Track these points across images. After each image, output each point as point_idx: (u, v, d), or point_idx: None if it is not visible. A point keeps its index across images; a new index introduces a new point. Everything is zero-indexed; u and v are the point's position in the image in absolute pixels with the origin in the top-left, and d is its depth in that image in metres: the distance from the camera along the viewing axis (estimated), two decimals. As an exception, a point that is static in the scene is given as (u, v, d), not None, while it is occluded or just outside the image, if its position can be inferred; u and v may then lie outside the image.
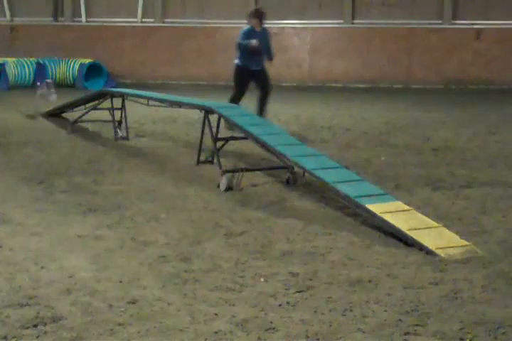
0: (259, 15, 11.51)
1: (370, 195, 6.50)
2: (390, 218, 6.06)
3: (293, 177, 7.83)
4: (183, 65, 18.89)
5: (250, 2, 18.98)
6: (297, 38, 18.77)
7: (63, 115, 12.05)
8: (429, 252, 5.58)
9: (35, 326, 4.25)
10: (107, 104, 10.65)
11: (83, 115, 10.92)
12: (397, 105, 14.95)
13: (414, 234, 5.80)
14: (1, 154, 9.43)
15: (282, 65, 18.71)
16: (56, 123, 11.66)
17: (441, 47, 18.12)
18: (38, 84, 14.48)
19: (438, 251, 5.56)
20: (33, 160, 9.05)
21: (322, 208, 6.93)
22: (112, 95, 10.61)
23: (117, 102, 10.51)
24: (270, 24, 18.88)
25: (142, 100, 10.04)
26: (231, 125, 9.58)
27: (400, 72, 18.31)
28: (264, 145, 7.80)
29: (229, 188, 7.56)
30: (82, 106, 11.22)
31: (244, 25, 11.76)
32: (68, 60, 17.78)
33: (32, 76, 17.36)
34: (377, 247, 5.76)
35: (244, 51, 11.00)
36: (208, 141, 8.59)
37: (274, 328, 4.26)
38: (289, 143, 7.71)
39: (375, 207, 6.25)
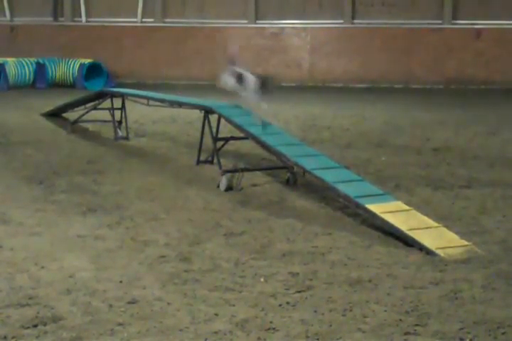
0: None
1: (370, 195, 6.50)
2: (390, 218, 6.06)
3: (293, 177, 7.83)
4: (183, 64, 18.89)
5: (250, 2, 18.99)
6: (297, 37, 18.78)
7: (63, 115, 12.06)
8: (429, 252, 5.58)
9: (35, 326, 4.24)
10: (107, 104, 10.65)
11: (83, 115, 10.92)
12: (397, 105, 14.94)
13: (414, 234, 5.80)
14: (1, 154, 9.43)
15: (282, 65, 18.74)
16: (56, 123, 11.66)
17: (441, 47, 18.12)
18: None
19: (438, 251, 5.56)
20: (33, 160, 9.05)
21: (322, 208, 6.93)
22: (112, 95, 10.61)
23: (117, 102, 10.51)
24: (270, 24, 18.99)
25: (142, 100, 10.04)
26: None
27: (400, 72, 18.32)
28: (264, 145, 7.80)
29: (229, 188, 7.56)
30: (82, 106, 11.23)
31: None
32: (68, 60, 17.78)
33: (32, 76, 17.37)
34: (377, 247, 5.76)
35: None
36: (207, 141, 8.59)
37: (274, 328, 4.26)
38: (289, 143, 7.71)
39: (375, 207, 6.24)
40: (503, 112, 13.85)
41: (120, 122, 10.60)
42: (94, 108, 10.84)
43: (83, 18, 19.61)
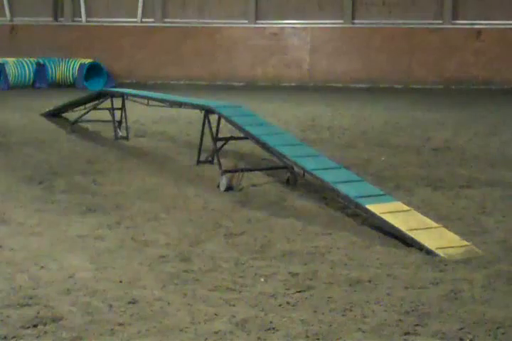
0: None
1: (370, 195, 6.50)
2: (389, 218, 6.06)
3: (293, 177, 7.83)
4: (183, 64, 18.89)
5: (250, 2, 18.99)
6: (297, 37, 18.78)
7: (63, 115, 12.07)
8: (429, 252, 5.57)
9: (35, 326, 4.24)
10: (107, 104, 10.65)
11: (83, 115, 10.92)
12: (397, 105, 14.95)
13: (414, 234, 5.79)
14: (1, 154, 9.43)
15: (282, 65, 18.75)
16: (56, 123, 11.67)
17: (441, 47, 18.13)
18: None
19: (438, 251, 5.55)
20: (33, 160, 9.05)
21: (322, 208, 6.93)
22: (112, 95, 10.61)
23: (117, 102, 10.51)
24: (270, 24, 19.00)
25: (142, 100, 10.04)
26: None
27: (400, 72, 18.33)
28: (264, 145, 7.80)
29: (229, 188, 7.56)
30: (82, 106, 11.23)
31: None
32: (68, 60, 17.79)
33: (32, 76, 17.37)
34: (377, 247, 5.76)
35: None
36: (207, 141, 8.59)
37: (274, 328, 4.26)
38: (289, 143, 7.70)
39: (375, 207, 6.24)
40: (503, 112, 13.86)
41: (120, 122, 10.60)
42: (94, 108, 10.85)
43: (83, 18, 19.61)
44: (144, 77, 18.76)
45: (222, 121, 8.45)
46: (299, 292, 4.82)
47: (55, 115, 12.13)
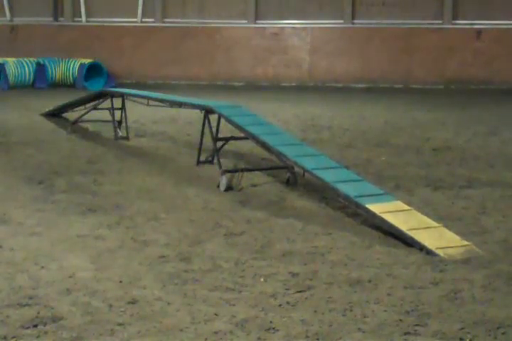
0: None
1: (370, 195, 6.49)
2: (390, 218, 6.06)
3: (293, 177, 7.83)
4: (183, 65, 18.90)
5: (250, 2, 18.99)
6: (297, 37, 18.78)
7: (63, 115, 12.07)
8: (429, 252, 5.57)
9: (35, 326, 4.24)
10: (107, 104, 10.65)
11: (83, 115, 10.92)
12: (397, 105, 14.95)
13: (414, 234, 5.79)
14: (1, 154, 9.43)
15: (282, 64, 18.75)
16: (56, 123, 11.67)
17: (441, 47, 18.13)
18: None
19: (438, 251, 5.55)
20: (33, 160, 9.05)
21: (322, 208, 6.93)
22: (112, 95, 10.61)
23: (117, 102, 10.51)
24: (270, 24, 18.99)
25: (142, 100, 10.04)
26: None
27: (400, 72, 18.33)
28: (264, 145, 7.80)
29: (229, 188, 7.56)
30: (82, 106, 11.23)
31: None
32: (68, 60, 17.79)
33: (32, 76, 17.38)
34: (377, 247, 5.76)
35: None
36: (208, 141, 8.59)
37: (274, 328, 4.26)
38: (289, 143, 7.70)
39: (375, 207, 6.24)
40: (503, 112, 13.86)
41: (120, 122, 10.60)
42: (94, 108, 10.85)
43: (83, 18, 19.61)
44: (144, 76, 18.76)
45: (222, 121, 8.45)
46: (299, 292, 4.82)
47: (55, 115, 12.14)
